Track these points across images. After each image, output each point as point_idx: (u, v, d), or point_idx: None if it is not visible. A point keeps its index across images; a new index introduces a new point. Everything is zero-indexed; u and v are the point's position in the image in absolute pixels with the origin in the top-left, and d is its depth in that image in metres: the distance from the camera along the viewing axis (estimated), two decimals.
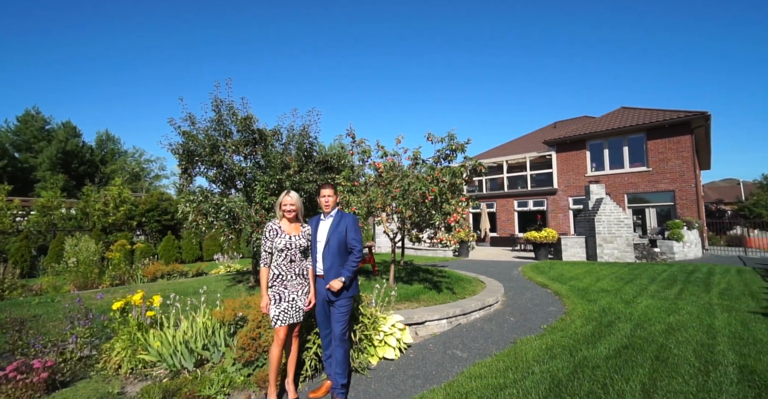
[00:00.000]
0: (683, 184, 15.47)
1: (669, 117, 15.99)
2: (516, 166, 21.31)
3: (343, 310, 2.93)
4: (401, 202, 5.41)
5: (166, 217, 14.65)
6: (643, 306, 5.38)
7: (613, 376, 2.95)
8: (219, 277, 8.26)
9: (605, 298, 6.00)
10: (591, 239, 11.75)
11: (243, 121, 5.94)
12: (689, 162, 15.51)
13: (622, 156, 17.22)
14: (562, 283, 7.59)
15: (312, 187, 5.93)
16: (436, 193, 4.87)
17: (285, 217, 2.95)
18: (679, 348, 3.58)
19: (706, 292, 6.33)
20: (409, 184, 4.98)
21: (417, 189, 4.82)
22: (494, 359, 3.50)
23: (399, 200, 5.44)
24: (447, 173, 5.02)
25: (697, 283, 7.27)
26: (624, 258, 11.22)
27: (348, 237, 2.98)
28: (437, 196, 4.91)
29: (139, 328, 3.51)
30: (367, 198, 5.50)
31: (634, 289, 6.68)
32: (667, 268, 9.41)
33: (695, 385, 2.77)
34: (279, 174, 5.72)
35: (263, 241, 2.90)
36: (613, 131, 17.33)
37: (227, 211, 5.06)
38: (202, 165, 5.96)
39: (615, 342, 3.80)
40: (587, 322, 4.58)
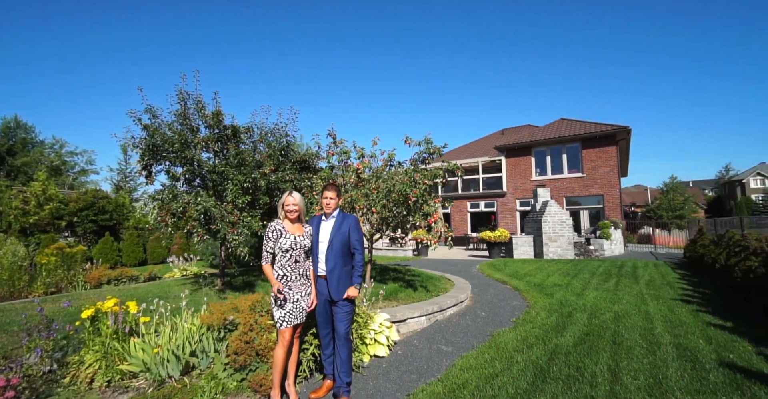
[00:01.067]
0: (610, 189, 17.56)
1: (599, 129, 18.02)
2: (469, 170, 22.51)
3: (347, 310, 2.99)
4: (383, 203, 5.54)
5: (103, 216, 13.17)
6: (592, 297, 6.11)
7: (584, 360, 3.37)
8: (177, 282, 7.68)
9: (559, 291, 6.69)
10: (538, 238, 12.87)
11: (215, 116, 5.63)
12: (615, 169, 17.64)
13: (561, 163, 19.04)
14: (519, 279, 8.26)
15: (289, 186, 5.81)
16: (417, 195, 5.07)
17: (287, 218, 2.94)
18: (628, 332, 4.17)
19: (636, 284, 7.34)
20: (394, 185, 5.13)
21: (401, 191, 4.98)
22: (478, 352, 3.77)
23: (382, 201, 5.56)
24: (429, 176, 5.25)
25: (627, 276, 8.37)
26: (566, 255, 12.47)
27: (351, 238, 3.04)
28: (419, 198, 5.12)
29: (115, 337, 3.22)
30: (348, 198, 5.54)
31: (580, 283, 7.51)
32: (601, 264, 10.66)
33: (648, 363, 3.27)
34: (254, 172, 5.52)
35: (265, 241, 2.87)
36: (554, 140, 19.08)
37: (202, 211, 4.77)
38: (169, 161, 5.53)
39: (578, 330, 4.30)
40: (550, 314, 5.10)
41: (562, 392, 2.78)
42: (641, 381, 2.92)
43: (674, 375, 3.01)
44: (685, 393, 2.71)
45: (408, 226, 6.21)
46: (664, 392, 2.73)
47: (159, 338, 3.30)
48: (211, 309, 3.56)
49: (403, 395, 2.94)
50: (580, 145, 18.52)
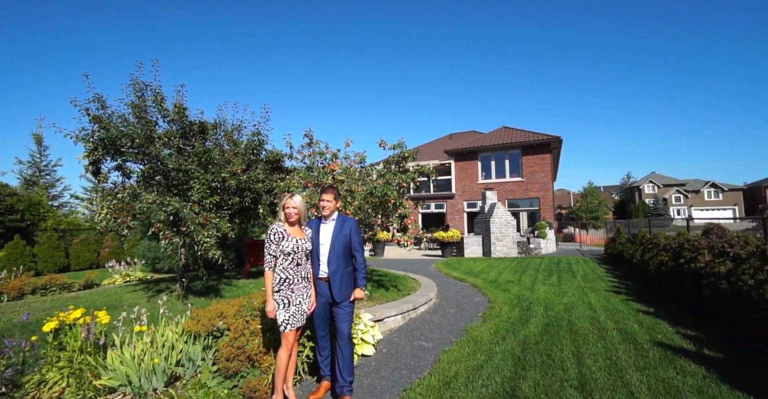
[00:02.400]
0: (545, 192, 19.50)
1: (536, 138, 19.90)
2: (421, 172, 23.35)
3: (350, 310, 3.07)
4: (359, 204, 5.62)
5: (12, 216, 11.25)
6: (542, 291, 6.83)
7: (552, 348, 3.83)
8: (125, 289, 6.91)
9: (514, 287, 7.35)
10: (486, 238, 13.86)
11: (177, 110, 5.23)
12: (549, 175, 19.62)
13: (504, 167, 20.66)
14: (475, 276, 8.88)
15: (261, 187, 5.61)
16: (396, 197, 5.26)
17: (288, 221, 2.93)
18: (580, 321, 4.79)
19: (574, 278, 8.34)
20: (375, 188, 5.24)
21: (383, 192, 5.11)
22: (458, 346, 4.06)
23: (356, 203, 5.63)
24: (407, 178, 5.46)
25: (565, 271, 9.45)
26: (510, 253, 13.61)
27: (353, 241, 3.10)
28: (396, 200, 5.31)
29: (83, 351, 2.90)
30: None
31: (529, 279, 8.32)
32: (541, 261, 11.85)
33: (602, 347, 3.83)
34: (223, 171, 5.25)
35: (267, 244, 2.85)
36: (498, 146, 20.63)
37: (173, 212, 4.40)
38: (126, 158, 5.01)
39: (539, 322, 4.83)
40: (512, 308, 5.62)
41: (542, 377, 3.15)
42: (600, 363, 3.42)
43: (624, 355, 3.58)
44: (635, 370, 3.24)
45: (375, 227, 6.38)
46: (620, 370, 3.24)
47: (134, 349, 3.05)
48: (195, 315, 3.37)
49: (400, 390, 3.09)
50: (521, 152, 20.26)
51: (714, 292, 4.51)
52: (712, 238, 5.30)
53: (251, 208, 6.00)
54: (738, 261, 4.47)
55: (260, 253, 7.89)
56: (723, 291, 4.38)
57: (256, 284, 6.76)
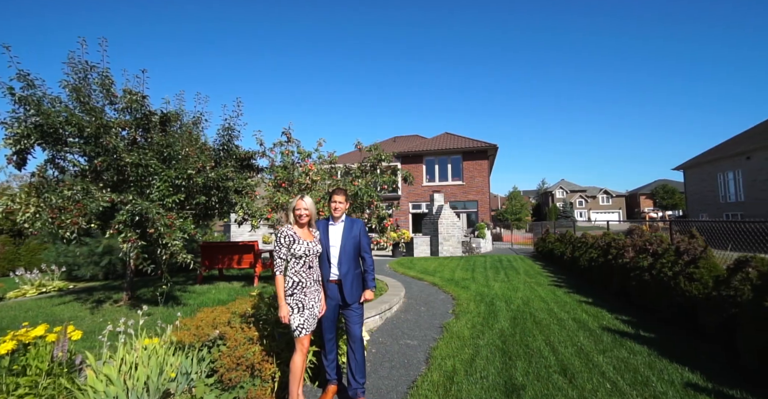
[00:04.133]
0: (483, 196, 21.14)
1: (476, 145, 21.48)
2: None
3: (360, 312, 3.08)
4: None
5: None
6: (498, 288, 7.47)
7: (527, 339, 4.26)
8: (47, 301, 5.78)
9: (471, 284, 7.90)
10: (434, 238, 14.56)
11: (131, 98, 4.63)
12: (486, 180, 21.33)
13: (447, 171, 21.88)
14: (432, 275, 9.32)
15: (232, 185, 5.22)
16: (377, 199, 5.34)
17: (297, 223, 2.87)
18: (539, 313, 5.38)
19: (519, 274, 9.25)
20: (360, 189, 5.23)
21: (368, 194, 5.14)
22: (444, 342, 4.29)
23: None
24: (389, 181, 5.57)
25: (509, 268, 10.42)
26: (456, 253, 14.50)
27: (362, 242, 3.12)
28: (378, 202, 5.39)
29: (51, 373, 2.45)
30: None
31: (482, 276, 9.00)
32: (484, 259, 12.86)
33: (566, 335, 4.38)
34: (189, 168, 4.78)
35: (277, 247, 2.78)
36: (441, 151, 21.79)
37: (138, 213, 3.85)
38: (71, 149, 4.25)
39: (507, 316, 5.31)
40: (478, 304, 6.06)
41: (528, 365, 3.51)
42: (570, 349, 3.92)
43: (585, 341, 4.14)
44: (598, 353, 3.79)
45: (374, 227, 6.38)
46: (587, 354, 3.75)
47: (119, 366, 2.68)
48: (184, 324, 3.07)
49: (405, 388, 3.19)
50: (462, 157, 21.66)
51: (639, 283, 5.45)
52: (634, 237, 6.37)
53: (215, 207, 5.53)
54: (656, 256, 5.46)
55: (216, 257, 7.29)
56: (647, 282, 5.31)
57: (216, 290, 6.25)
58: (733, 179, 26.02)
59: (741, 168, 24.78)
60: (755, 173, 23.28)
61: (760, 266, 3.62)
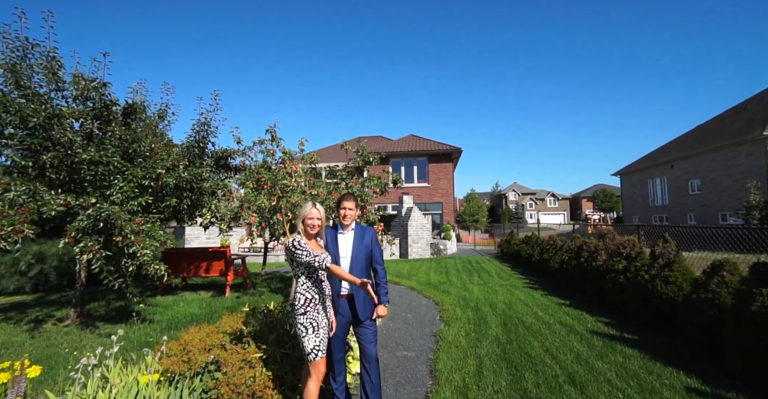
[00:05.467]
0: (448, 198, 21.57)
1: (441, 148, 21.88)
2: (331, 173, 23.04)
3: (374, 329, 2.84)
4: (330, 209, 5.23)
5: None
6: (477, 291, 7.53)
7: (525, 346, 4.26)
8: None
9: (450, 288, 7.90)
10: (404, 241, 14.53)
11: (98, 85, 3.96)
12: (451, 182, 21.80)
13: (413, 173, 22.04)
14: (408, 279, 9.21)
15: (208, 186, 4.67)
16: (369, 203, 5.09)
17: (306, 233, 2.55)
18: (526, 318, 5.46)
19: (492, 277, 9.46)
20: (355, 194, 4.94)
21: (362, 198, 4.87)
22: (444, 352, 4.15)
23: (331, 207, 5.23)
24: (380, 184, 5.33)
25: (480, 271, 10.64)
26: (425, 255, 14.58)
27: (374, 252, 2.88)
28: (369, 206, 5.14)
29: None
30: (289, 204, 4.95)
31: (457, 279, 9.07)
32: (453, 261, 13.06)
33: (559, 341, 4.45)
34: (159, 167, 4.19)
35: (301, 254, 2.38)
36: (408, 153, 21.91)
37: (103, 218, 3.22)
38: (9, 142, 3.48)
39: (497, 321, 5.31)
40: (464, 310, 6.03)
41: (537, 376, 3.47)
42: (569, 356, 3.96)
43: (579, 346, 4.23)
44: (596, 358, 3.87)
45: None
46: (586, 361, 3.81)
47: None
48: (169, 349, 2.61)
49: None
50: (427, 159, 21.94)
51: (615, 286, 5.75)
52: (606, 241, 6.75)
53: (185, 211, 4.93)
54: (630, 259, 5.80)
55: (181, 264, 6.54)
56: (622, 285, 5.62)
57: (185, 301, 5.57)
58: (660, 185, 29.19)
59: (666, 175, 27.88)
60: (677, 180, 26.31)
61: (733, 270, 3.93)
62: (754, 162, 19.44)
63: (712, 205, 22.64)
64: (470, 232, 38.26)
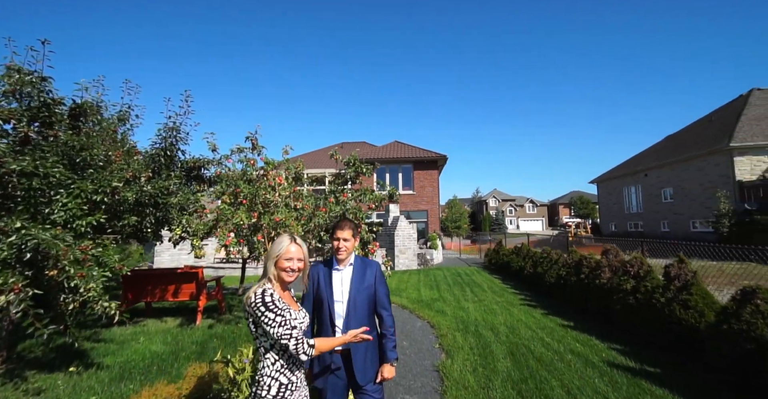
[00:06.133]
0: (433, 206, 21.24)
1: (426, 155, 21.59)
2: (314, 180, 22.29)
3: (379, 397, 2.24)
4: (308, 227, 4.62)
5: None
6: (473, 310, 7.05)
7: (542, 386, 3.76)
8: None
9: (444, 307, 7.38)
10: (390, 251, 13.97)
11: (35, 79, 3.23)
12: (436, 190, 21.50)
13: (398, 180, 21.60)
14: (398, 295, 8.64)
15: (176, 201, 3.97)
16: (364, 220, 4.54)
17: (281, 280, 1.79)
18: (534, 346, 4.98)
19: (485, 292, 9.02)
20: (347, 210, 4.35)
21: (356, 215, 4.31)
22: (455, 394, 3.62)
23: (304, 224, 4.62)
24: (377, 199, 4.80)
25: (472, 285, 10.20)
26: (411, 266, 14.06)
27: (379, 294, 2.26)
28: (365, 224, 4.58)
29: None
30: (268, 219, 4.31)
31: (450, 295, 8.58)
32: (442, 273, 12.60)
33: (577, 377, 3.98)
34: (115, 179, 3.47)
35: (272, 321, 1.62)
36: (392, 160, 21.48)
37: (32, 248, 2.50)
38: None
39: (502, 350, 4.82)
40: (464, 336, 5.51)
41: None
42: (589, 394, 3.52)
43: (602, 385, 3.76)
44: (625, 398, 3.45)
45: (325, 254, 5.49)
46: None
47: None
48: None
49: None
50: (412, 166, 21.58)
51: (624, 307, 5.40)
52: (609, 257, 6.44)
53: (148, 229, 4.19)
54: (638, 278, 5.49)
55: (145, 288, 5.71)
56: (632, 306, 5.28)
57: (145, 334, 4.77)
58: (634, 193, 30.10)
59: (641, 183, 28.77)
60: (650, 188, 27.17)
61: (767, 298, 3.61)
62: (722, 172, 20.20)
63: (683, 213, 23.39)
64: (452, 238, 38.22)
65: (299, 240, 1.84)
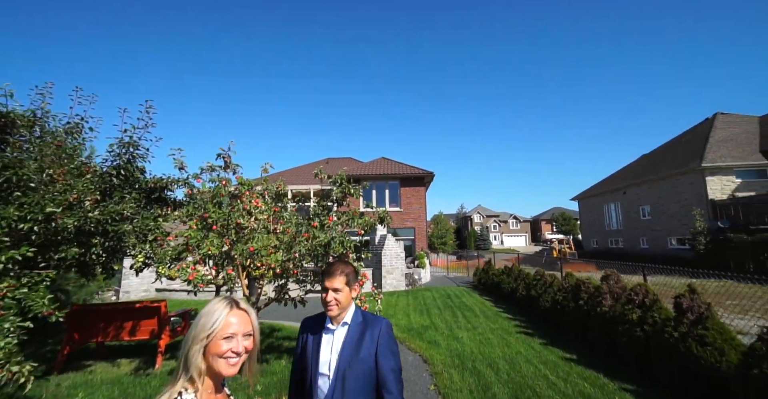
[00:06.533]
0: (420, 223, 20.84)
1: (413, 172, 21.36)
2: (298, 196, 21.67)
3: None
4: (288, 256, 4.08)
5: None
6: (468, 340, 6.52)
7: None
8: None
9: (436, 336, 6.83)
10: (378, 271, 13.38)
11: None
12: (423, 206, 21.18)
13: (384, 197, 21.19)
14: None
15: (130, 229, 3.36)
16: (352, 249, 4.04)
17: (216, 374, 1.14)
18: (539, 385, 4.49)
19: (477, 317, 8.52)
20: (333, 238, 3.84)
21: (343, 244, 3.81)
22: None
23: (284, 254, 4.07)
24: (366, 225, 4.32)
25: (463, 308, 9.69)
26: (399, 286, 13.47)
27: (381, 369, 1.66)
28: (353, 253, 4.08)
29: None
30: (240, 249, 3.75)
31: (441, 321, 8.04)
32: (431, 294, 12.06)
33: None
34: (49, 203, 2.88)
35: None
36: (379, 176, 21.13)
37: None
38: None
39: (505, 393, 4.30)
40: (461, 375, 4.96)
41: None
42: None
43: None
44: None
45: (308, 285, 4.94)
46: None
47: None
48: None
49: None
50: (399, 183, 21.27)
51: (631, 340, 5.02)
52: (610, 283, 6.11)
53: (96, 262, 3.55)
54: (644, 308, 5.14)
55: (96, 326, 4.92)
56: (639, 338, 4.90)
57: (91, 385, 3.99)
58: (614, 210, 30.69)
59: (620, 201, 29.40)
60: (629, 205, 27.75)
61: None
62: (695, 190, 20.77)
63: (661, 230, 23.83)
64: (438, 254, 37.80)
65: (244, 304, 1.23)
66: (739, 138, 22.11)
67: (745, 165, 19.74)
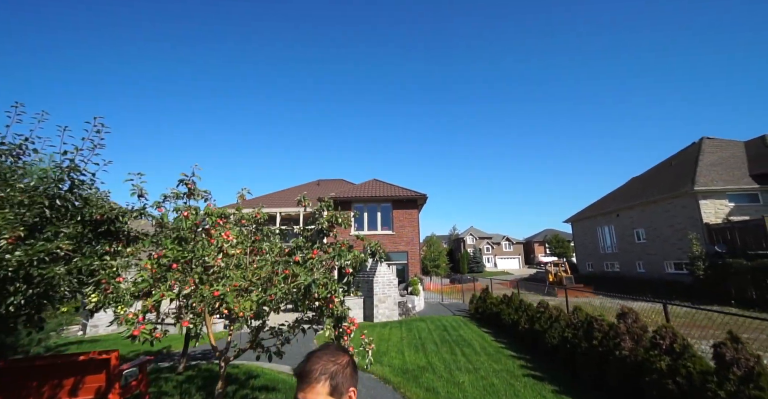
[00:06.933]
0: (413, 246, 20.15)
1: (405, 194, 20.89)
2: (288, 219, 20.87)
3: None
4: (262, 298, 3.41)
5: None
6: (470, 387, 5.73)
7: None
8: None
9: (434, 380, 6.04)
10: (369, 300, 12.54)
11: None
12: (416, 229, 20.55)
13: (376, 220, 20.56)
14: (377, 362, 7.22)
15: (62, 272, 2.69)
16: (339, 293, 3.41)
17: None
18: None
19: (479, 355, 7.74)
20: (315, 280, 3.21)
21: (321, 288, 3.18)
22: None
23: (259, 297, 3.41)
24: (357, 259, 3.73)
25: (462, 343, 8.89)
26: (392, 316, 12.60)
27: None
28: (338, 296, 3.45)
29: None
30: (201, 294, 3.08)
31: (439, 360, 7.24)
32: (426, 326, 11.24)
33: None
34: None
35: None
36: (371, 198, 20.59)
37: None
38: None
39: None
40: None
41: None
42: None
43: None
44: None
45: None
46: None
47: None
48: None
49: None
50: (391, 205, 20.73)
51: (662, 393, 4.37)
52: (628, 322, 5.50)
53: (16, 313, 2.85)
54: (673, 354, 4.53)
55: (24, 386, 4.05)
56: (672, 393, 4.26)
57: None
58: (608, 233, 30.44)
59: (613, 224, 29.21)
60: (624, 229, 27.54)
61: None
62: (689, 214, 20.61)
63: (657, 254, 23.48)
64: (431, 278, 36.77)
65: None
66: (728, 162, 22.35)
67: (737, 189, 19.77)
